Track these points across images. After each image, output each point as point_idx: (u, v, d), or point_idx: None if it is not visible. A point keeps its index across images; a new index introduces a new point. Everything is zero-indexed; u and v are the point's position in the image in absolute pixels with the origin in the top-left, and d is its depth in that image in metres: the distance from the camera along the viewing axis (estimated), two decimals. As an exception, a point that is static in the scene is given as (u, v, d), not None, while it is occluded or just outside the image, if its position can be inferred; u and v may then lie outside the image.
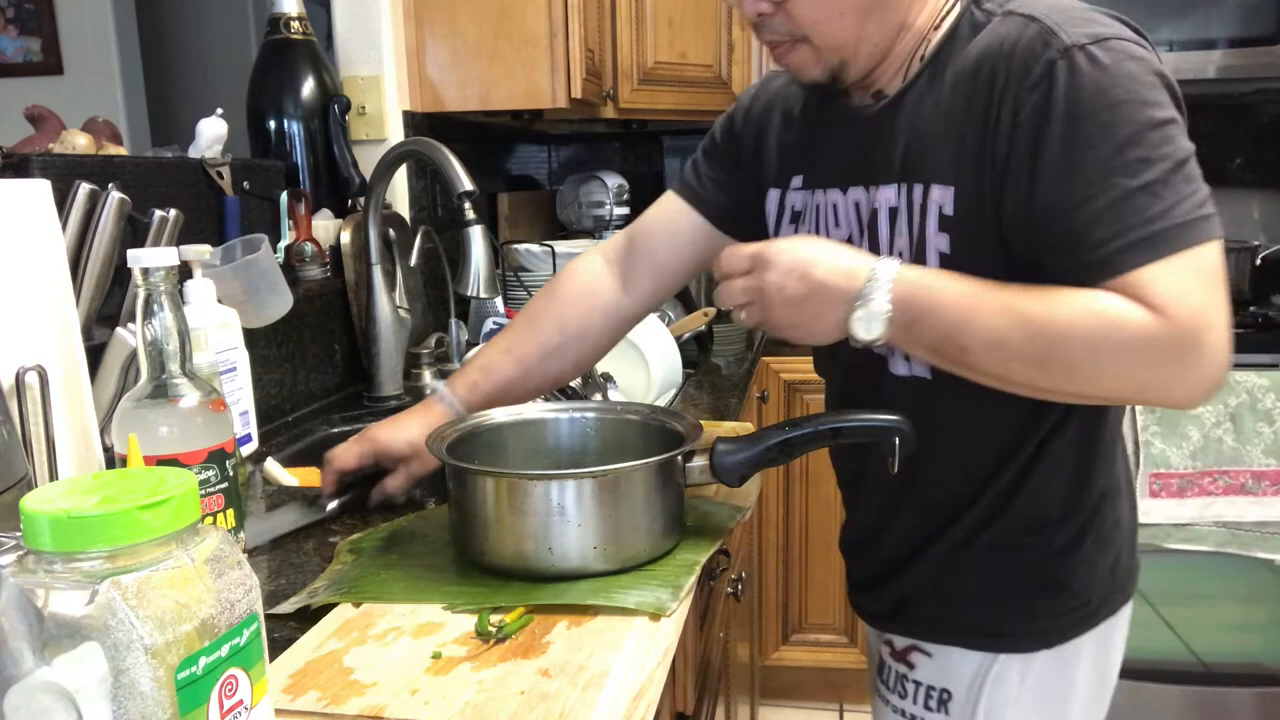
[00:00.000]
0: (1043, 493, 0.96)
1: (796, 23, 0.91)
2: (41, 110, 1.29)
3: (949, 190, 0.88)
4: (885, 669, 1.07)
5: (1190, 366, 0.79)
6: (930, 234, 0.90)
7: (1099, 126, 0.81)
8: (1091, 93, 0.81)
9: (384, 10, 1.87)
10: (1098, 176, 0.81)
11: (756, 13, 0.92)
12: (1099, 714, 1.06)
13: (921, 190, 0.90)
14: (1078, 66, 0.81)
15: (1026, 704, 0.99)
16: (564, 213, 2.80)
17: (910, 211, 0.91)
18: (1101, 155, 0.81)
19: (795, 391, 2.33)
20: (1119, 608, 1.02)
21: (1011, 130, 0.84)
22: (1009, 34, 0.85)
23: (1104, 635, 1.01)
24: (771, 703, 2.46)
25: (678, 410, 1.05)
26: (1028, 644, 0.98)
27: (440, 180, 2.03)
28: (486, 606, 0.82)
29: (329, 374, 1.67)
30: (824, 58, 0.93)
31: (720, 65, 2.50)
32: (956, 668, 1.00)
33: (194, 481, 0.51)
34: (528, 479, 0.88)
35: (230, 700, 0.50)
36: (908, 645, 1.04)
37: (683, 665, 1.02)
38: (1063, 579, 0.97)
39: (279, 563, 0.96)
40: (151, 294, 0.77)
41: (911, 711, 1.03)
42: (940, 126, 0.89)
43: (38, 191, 0.86)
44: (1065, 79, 0.81)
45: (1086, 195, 0.81)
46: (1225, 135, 2.65)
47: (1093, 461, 0.97)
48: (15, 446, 0.76)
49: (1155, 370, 0.80)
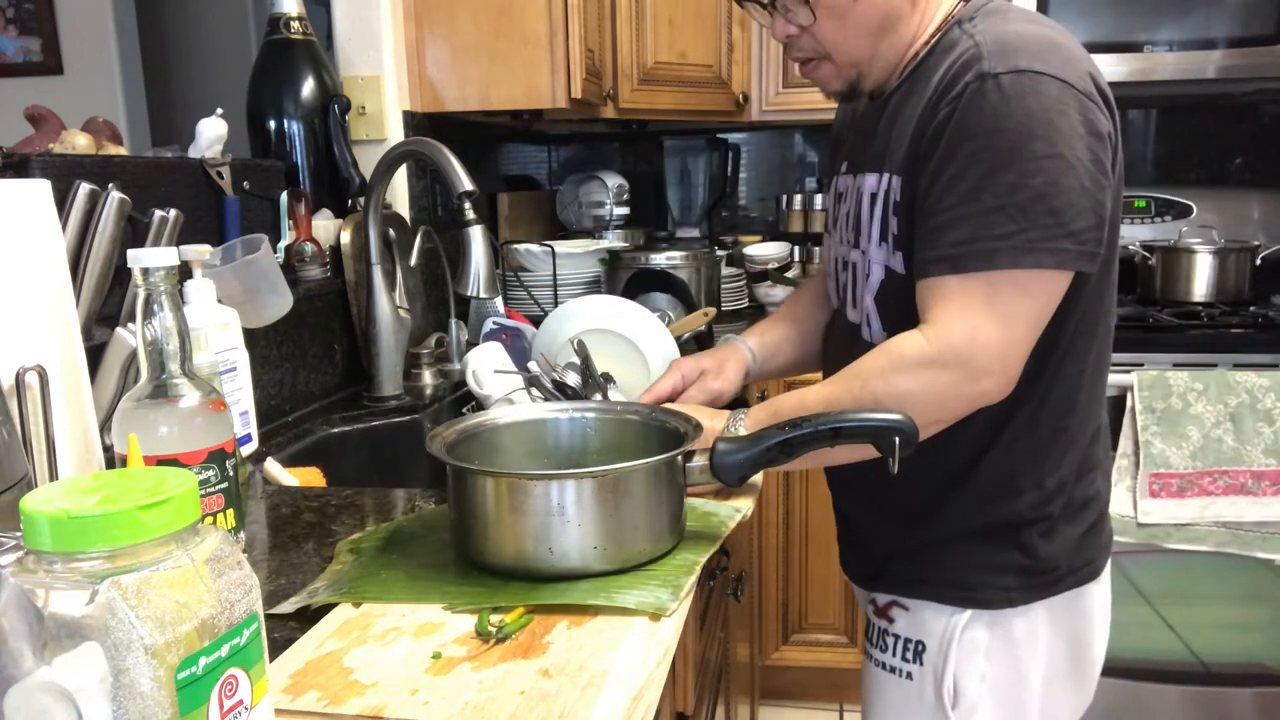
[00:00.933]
0: (1006, 463, 1.05)
1: (820, 43, 1.05)
2: (41, 110, 1.29)
3: (899, 179, 1.02)
4: (870, 627, 1.17)
5: (964, 381, 0.95)
6: (890, 218, 1.04)
7: (984, 147, 0.93)
8: (987, 116, 0.93)
9: (384, 10, 1.87)
10: (969, 189, 0.94)
11: (786, 35, 1.06)
12: (1079, 695, 1.14)
13: (888, 179, 1.04)
14: (984, 92, 0.93)
15: (996, 661, 1.07)
16: (564, 213, 2.80)
17: (884, 198, 1.05)
18: (979, 171, 0.93)
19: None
20: (1087, 581, 1.09)
21: (932, 134, 0.97)
22: (959, 52, 0.98)
23: (1073, 604, 1.09)
24: (771, 703, 2.46)
25: (678, 410, 1.05)
26: (994, 601, 1.06)
27: (440, 180, 2.03)
28: (486, 606, 0.82)
29: (329, 374, 1.67)
30: (843, 73, 1.07)
31: (720, 65, 2.50)
32: (929, 621, 1.09)
33: (194, 481, 0.51)
34: (528, 479, 0.88)
35: (230, 700, 0.50)
36: (889, 601, 1.13)
37: (683, 665, 1.02)
38: (1027, 544, 1.05)
39: (279, 563, 0.96)
40: (151, 294, 0.77)
41: (891, 664, 1.12)
42: (905, 126, 1.02)
43: (38, 191, 0.86)
44: (972, 100, 0.94)
45: (953, 201, 0.94)
46: (1225, 135, 2.65)
47: (1058, 437, 1.05)
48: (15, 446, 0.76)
49: (935, 384, 0.95)
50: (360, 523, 1.06)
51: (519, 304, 2.27)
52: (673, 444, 0.95)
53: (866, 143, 1.11)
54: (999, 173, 0.92)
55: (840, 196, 1.17)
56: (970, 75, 0.94)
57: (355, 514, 1.09)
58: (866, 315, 1.09)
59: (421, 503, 1.12)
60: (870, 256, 1.08)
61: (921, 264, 0.98)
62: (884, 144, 1.06)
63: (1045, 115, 0.92)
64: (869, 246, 1.08)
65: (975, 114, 0.93)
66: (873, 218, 1.07)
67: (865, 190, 1.08)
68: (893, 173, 1.03)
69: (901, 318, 1.02)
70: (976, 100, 0.93)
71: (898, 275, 1.04)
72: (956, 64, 0.97)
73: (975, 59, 0.95)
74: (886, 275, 1.06)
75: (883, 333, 1.06)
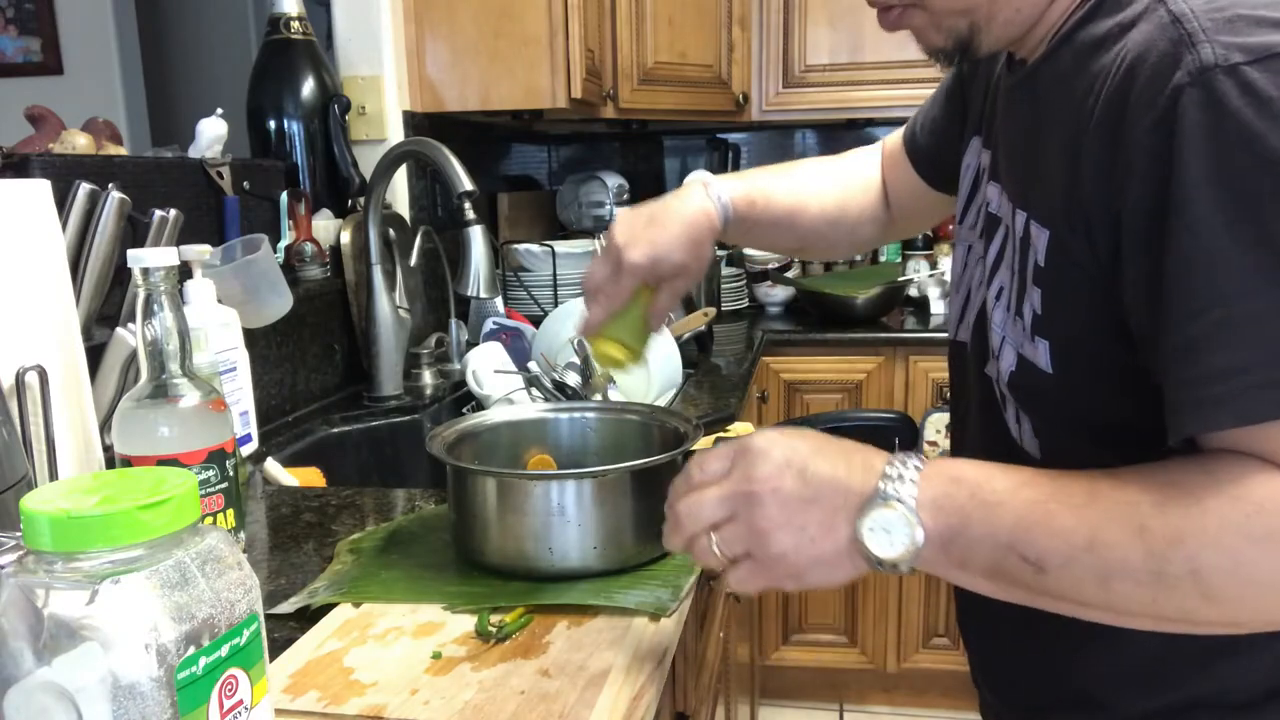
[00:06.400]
0: None
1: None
2: (41, 110, 1.29)
3: (1046, 235, 0.67)
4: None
5: None
6: (1030, 286, 0.68)
7: (1243, 200, 0.55)
8: (1235, 145, 0.54)
9: (384, 10, 1.87)
10: (1231, 275, 0.55)
11: None
12: None
13: (1025, 223, 0.69)
14: (1218, 100, 0.55)
15: None
16: (564, 213, 2.80)
17: (1019, 247, 0.70)
18: (1242, 243, 0.54)
19: (795, 391, 2.33)
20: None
21: (1120, 179, 0.59)
22: (1143, 28, 0.60)
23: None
24: (771, 703, 2.46)
25: (678, 410, 1.05)
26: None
27: (440, 180, 2.03)
28: (486, 606, 0.82)
29: (329, 374, 1.67)
30: (944, 23, 0.71)
31: (720, 65, 2.50)
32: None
33: (194, 481, 0.51)
34: (528, 479, 0.88)
35: (230, 700, 0.50)
36: None
37: (683, 665, 1.02)
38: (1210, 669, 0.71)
39: (279, 563, 0.96)
40: (151, 294, 0.77)
41: None
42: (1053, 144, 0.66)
43: (38, 191, 0.86)
44: (1198, 120, 0.55)
45: (1209, 301, 0.55)
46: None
47: None
48: (15, 446, 0.76)
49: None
50: (360, 523, 1.06)
51: (519, 304, 2.27)
52: (673, 444, 0.95)
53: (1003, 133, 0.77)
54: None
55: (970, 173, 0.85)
56: (1180, 75, 0.56)
57: (355, 514, 1.09)
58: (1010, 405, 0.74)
59: (421, 503, 1.12)
60: (1003, 328, 0.73)
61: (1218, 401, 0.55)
62: (1021, 159, 0.72)
63: None
64: (995, 308, 0.74)
65: (1212, 141, 0.55)
66: (1001, 262, 0.74)
67: (995, 206, 0.76)
68: (1037, 220, 0.68)
69: (1061, 426, 0.70)
70: (1211, 117, 0.55)
71: (1038, 370, 0.69)
72: (1143, 50, 0.59)
73: (1180, 42, 0.57)
74: (1020, 365, 0.71)
75: (1034, 437, 0.72)
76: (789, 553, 0.61)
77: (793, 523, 0.61)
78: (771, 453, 0.62)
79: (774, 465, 0.62)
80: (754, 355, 2.10)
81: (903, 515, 0.59)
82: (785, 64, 2.56)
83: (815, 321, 2.44)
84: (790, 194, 0.99)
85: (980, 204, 0.81)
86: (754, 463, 0.62)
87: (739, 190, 0.94)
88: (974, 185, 0.83)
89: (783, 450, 0.62)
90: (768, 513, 0.61)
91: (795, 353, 2.31)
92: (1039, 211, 0.68)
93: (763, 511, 0.61)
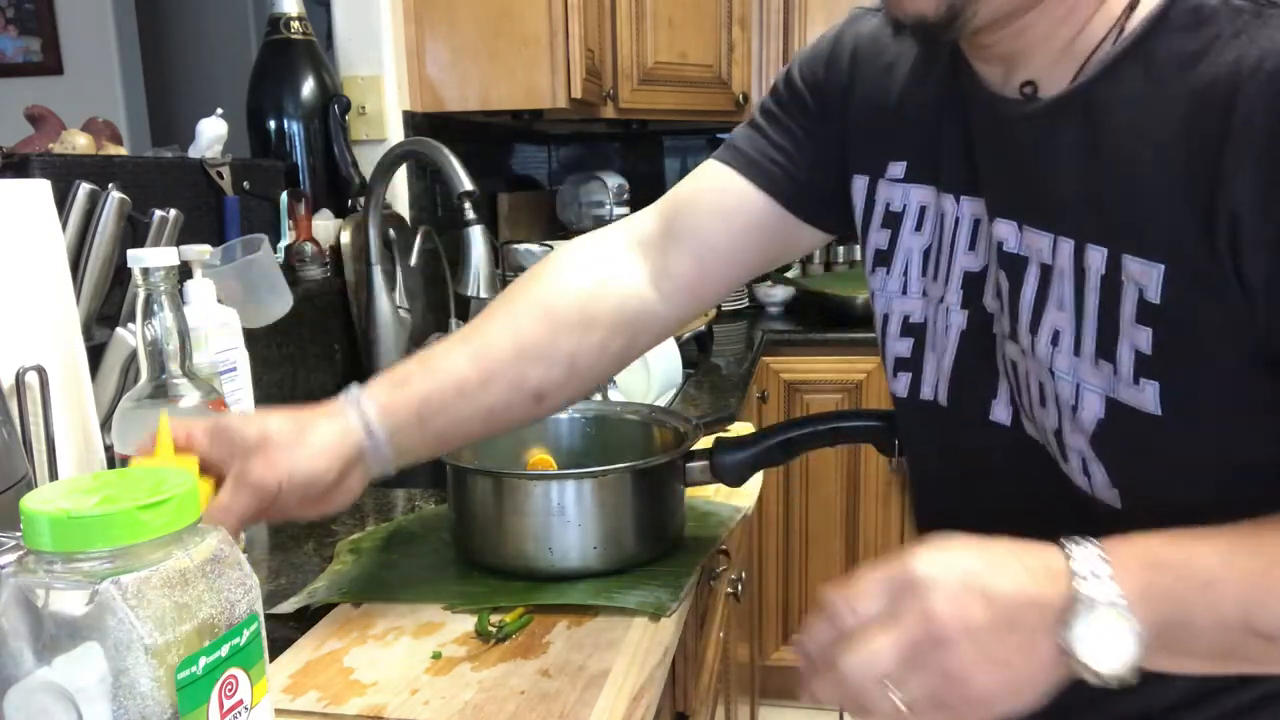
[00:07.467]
0: None
1: None
2: (41, 110, 1.29)
3: (1161, 269, 0.59)
4: None
5: None
6: (1131, 326, 0.61)
7: None
8: None
9: (384, 10, 1.87)
10: None
11: None
12: None
13: (1107, 258, 0.61)
14: None
15: None
16: (564, 213, 2.80)
17: (1102, 288, 0.62)
18: None
19: (795, 391, 2.33)
20: None
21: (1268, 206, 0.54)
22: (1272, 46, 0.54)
23: None
24: (771, 703, 2.46)
25: (678, 410, 1.05)
26: None
27: (440, 180, 2.03)
28: (486, 606, 0.82)
29: (329, 374, 1.67)
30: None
31: (720, 65, 2.50)
32: None
33: (194, 481, 0.51)
34: (527, 479, 0.88)
35: (230, 700, 0.50)
36: None
37: (683, 665, 1.02)
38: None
39: (279, 563, 0.96)
40: (151, 294, 0.77)
41: None
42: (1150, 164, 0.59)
43: (38, 191, 0.86)
44: None
45: None
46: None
47: None
48: (15, 446, 0.76)
49: None
50: (360, 523, 1.06)
51: (519, 304, 2.27)
52: (673, 444, 0.95)
53: (1012, 167, 0.68)
54: None
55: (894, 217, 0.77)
56: None
57: (355, 514, 1.09)
58: (1074, 456, 0.66)
59: (421, 503, 1.12)
60: (1073, 374, 0.65)
61: None
62: (1075, 188, 0.63)
63: None
64: (1053, 356, 0.66)
65: None
66: (1046, 303, 0.66)
67: (1015, 245, 0.68)
68: (1141, 255, 0.60)
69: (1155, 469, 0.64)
70: None
71: (1140, 415, 0.62)
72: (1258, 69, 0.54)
73: None
74: (1111, 411, 0.64)
75: (1110, 487, 0.65)
76: (992, 691, 0.53)
77: (993, 659, 0.52)
78: (944, 580, 0.54)
79: (951, 596, 0.53)
80: (754, 355, 2.10)
81: (1116, 620, 0.51)
82: (785, 64, 2.56)
83: (815, 321, 2.44)
84: (464, 342, 0.85)
85: (966, 250, 0.72)
86: (927, 596, 0.53)
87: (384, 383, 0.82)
88: (954, 233, 0.73)
89: (955, 575, 0.54)
90: (962, 655, 0.52)
91: (795, 353, 2.31)
92: (1134, 244, 0.60)
93: (955, 654, 0.52)
